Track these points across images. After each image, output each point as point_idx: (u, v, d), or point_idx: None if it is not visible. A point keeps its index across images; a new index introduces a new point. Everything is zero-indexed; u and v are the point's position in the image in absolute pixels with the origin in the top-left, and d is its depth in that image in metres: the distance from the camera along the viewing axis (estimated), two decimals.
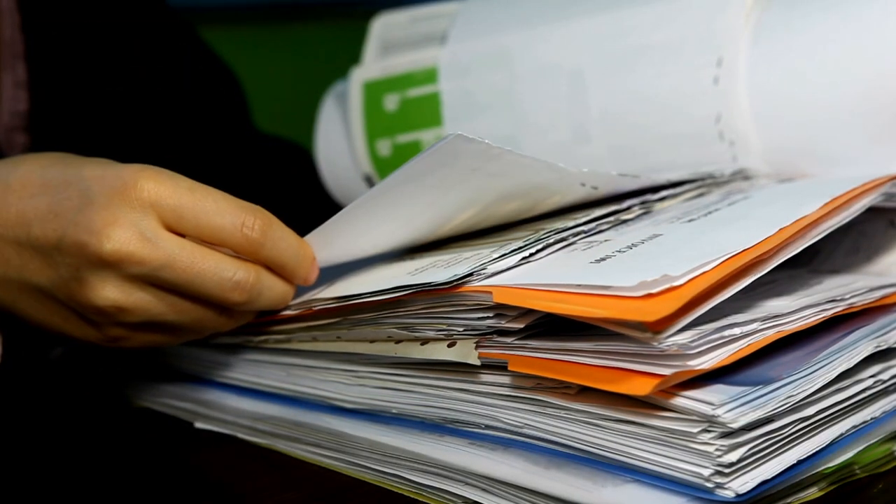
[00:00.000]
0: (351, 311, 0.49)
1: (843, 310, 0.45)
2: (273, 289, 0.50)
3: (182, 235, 0.49)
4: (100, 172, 0.49)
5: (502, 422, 0.44)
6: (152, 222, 0.48)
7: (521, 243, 0.46)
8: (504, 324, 0.43)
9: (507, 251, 0.46)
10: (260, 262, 0.50)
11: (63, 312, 0.51)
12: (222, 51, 0.91)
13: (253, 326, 0.53)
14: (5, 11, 0.70)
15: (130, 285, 0.48)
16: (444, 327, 0.45)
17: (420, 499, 0.46)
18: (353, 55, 0.75)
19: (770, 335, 0.42)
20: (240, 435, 0.55)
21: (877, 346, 0.44)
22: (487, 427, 0.45)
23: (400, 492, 0.47)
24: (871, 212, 0.51)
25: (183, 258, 0.48)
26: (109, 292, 0.48)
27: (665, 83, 0.59)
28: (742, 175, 0.57)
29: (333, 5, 1.75)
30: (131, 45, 0.79)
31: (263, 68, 1.47)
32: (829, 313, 0.44)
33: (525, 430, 0.43)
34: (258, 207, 0.50)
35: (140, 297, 0.49)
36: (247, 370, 0.56)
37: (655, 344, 0.39)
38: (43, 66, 0.72)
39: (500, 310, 0.43)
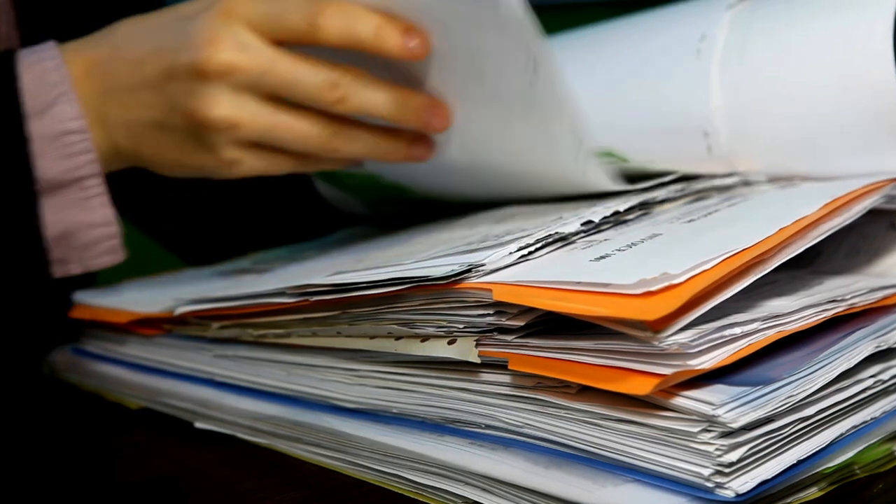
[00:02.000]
0: (349, 305, 0.49)
1: (844, 310, 0.45)
2: (375, 88, 0.53)
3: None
4: (194, 6, 0.54)
5: (503, 421, 0.44)
6: (248, 33, 0.52)
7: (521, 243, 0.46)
8: (504, 321, 0.43)
9: (506, 252, 0.46)
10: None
11: (181, 143, 0.54)
12: None
13: (252, 317, 0.53)
14: (1, 8, 0.70)
15: (239, 97, 0.52)
16: (445, 324, 0.45)
17: (420, 499, 0.46)
18: None
19: (770, 335, 0.42)
20: (240, 435, 0.55)
21: (877, 347, 0.44)
22: (488, 427, 0.45)
23: (400, 492, 0.47)
24: (872, 214, 0.51)
25: (281, 61, 0.52)
26: (223, 107, 0.52)
27: (662, 97, 0.59)
28: (742, 181, 0.57)
29: None
30: None
31: None
32: (830, 314, 0.44)
33: (525, 430, 0.43)
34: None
35: (249, 109, 0.52)
36: (247, 370, 0.56)
37: (656, 343, 0.39)
38: None
39: (501, 307, 0.43)
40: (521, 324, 0.43)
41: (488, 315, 0.44)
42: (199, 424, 0.57)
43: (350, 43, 0.52)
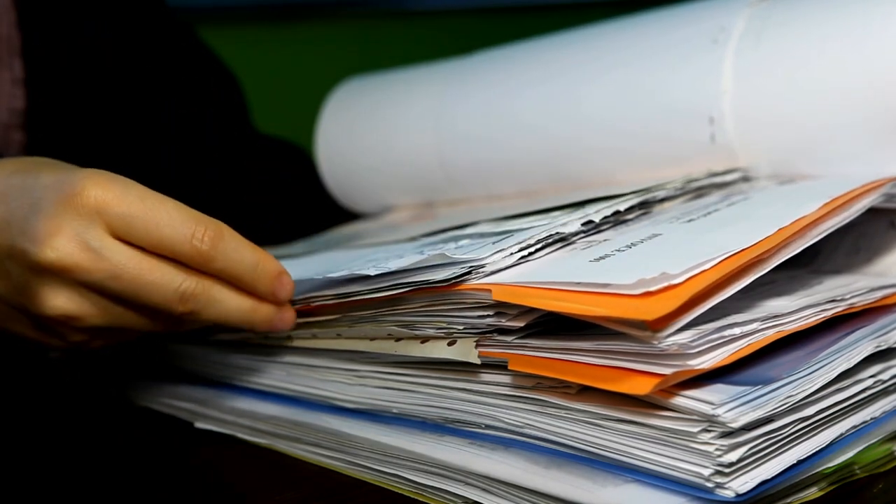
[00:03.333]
0: (350, 308, 0.49)
1: (844, 310, 0.45)
2: (226, 301, 0.49)
3: (131, 244, 0.47)
4: (52, 179, 0.48)
5: (503, 421, 0.44)
6: (98, 231, 0.47)
7: (520, 244, 0.46)
8: (504, 322, 0.43)
9: (506, 253, 0.46)
10: (212, 275, 0.49)
11: (25, 320, 0.50)
12: (222, 51, 0.91)
13: None
14: (2, 8, 0.70)
15: (78, 293, 0.48)
16: (445, 325, 0.45)
17: (420, 499, 0.46)
18: (353, 55, 0.74)
19: (770, 335, 0.42)
20: (240, 435, 0.55)
21: (877, 346, 0.44)
22: (488, 427, 0.45)
23: (400, 492, 0.47)
24: (872, 212, 0.50)
25: (130, 269, 0.47)
26: (58, 301, 0.48)
27: (673, 81, 0.59)
28: (742, 177, 0.57)
29: (333, 5, 1.76)
30: (129, 44, 0.79)
31: (263, 68, 1.47)
32: (830, 313, 0.44)
33: (525, 430, 0.43)
34: (211, 219, 0.48)
35: (89, 304, 0.48)
36: (247, 370, 0.56)
37: (655, 343, 0.39)
38: (40, 63, 0.71)
39: (501, 308, 0.43)
40: (521, 324, 0.43)
41: (488, 316, 0.44)
42: (199, 424, 0.57)
43: (226, 275, 0.49)
